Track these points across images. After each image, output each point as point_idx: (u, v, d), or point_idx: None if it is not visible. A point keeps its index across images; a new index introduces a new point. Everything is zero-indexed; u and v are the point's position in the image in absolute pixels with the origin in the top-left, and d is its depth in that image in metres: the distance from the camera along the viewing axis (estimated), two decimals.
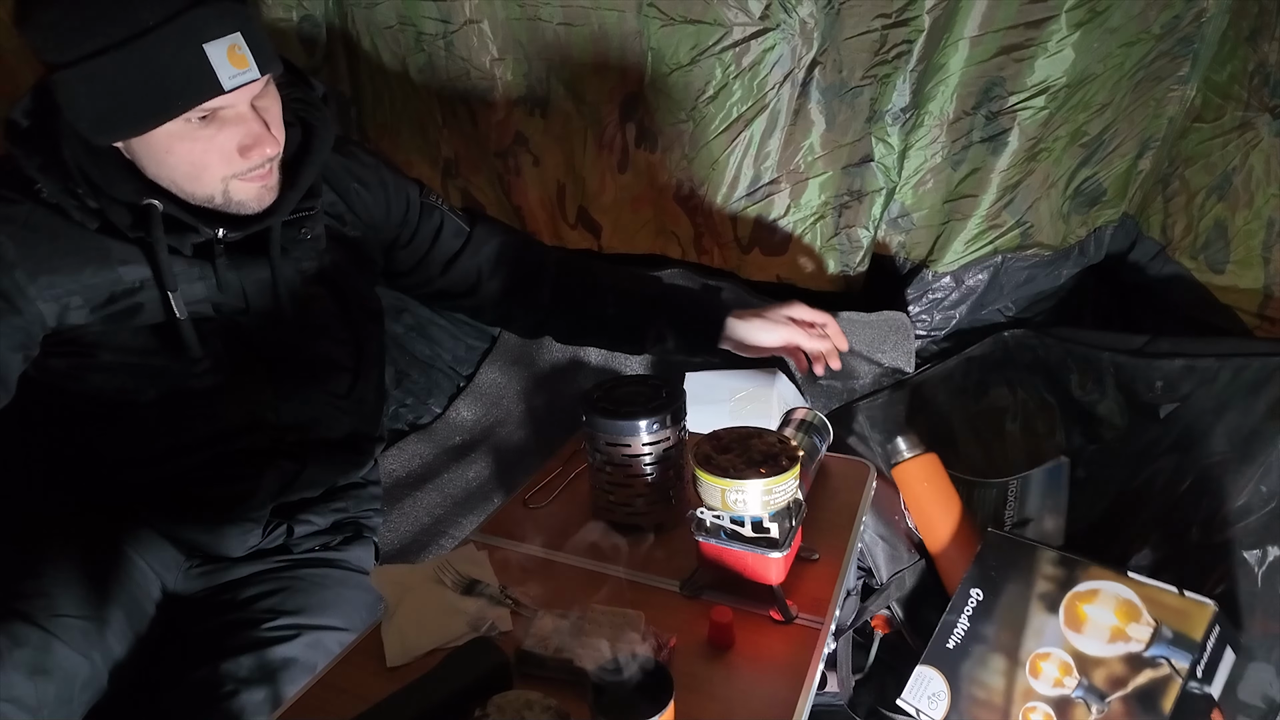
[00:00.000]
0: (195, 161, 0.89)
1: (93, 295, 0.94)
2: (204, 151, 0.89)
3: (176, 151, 0.88)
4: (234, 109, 0.89)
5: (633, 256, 1.70)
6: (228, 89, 0.84)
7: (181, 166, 0.89)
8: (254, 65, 0.86)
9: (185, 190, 0.92)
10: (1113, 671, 0.96)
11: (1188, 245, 1.38)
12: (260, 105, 0.91)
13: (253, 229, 0.98)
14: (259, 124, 0.90)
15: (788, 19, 1.39)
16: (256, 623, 1.03)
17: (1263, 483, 1.05)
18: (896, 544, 1.38)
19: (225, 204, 0.94)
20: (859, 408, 1.54)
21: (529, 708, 0.70)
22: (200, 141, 0.88)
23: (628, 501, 1.02)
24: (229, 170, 0.91)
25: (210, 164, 0.90)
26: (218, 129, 0.88)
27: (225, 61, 0.83)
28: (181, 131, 0.87)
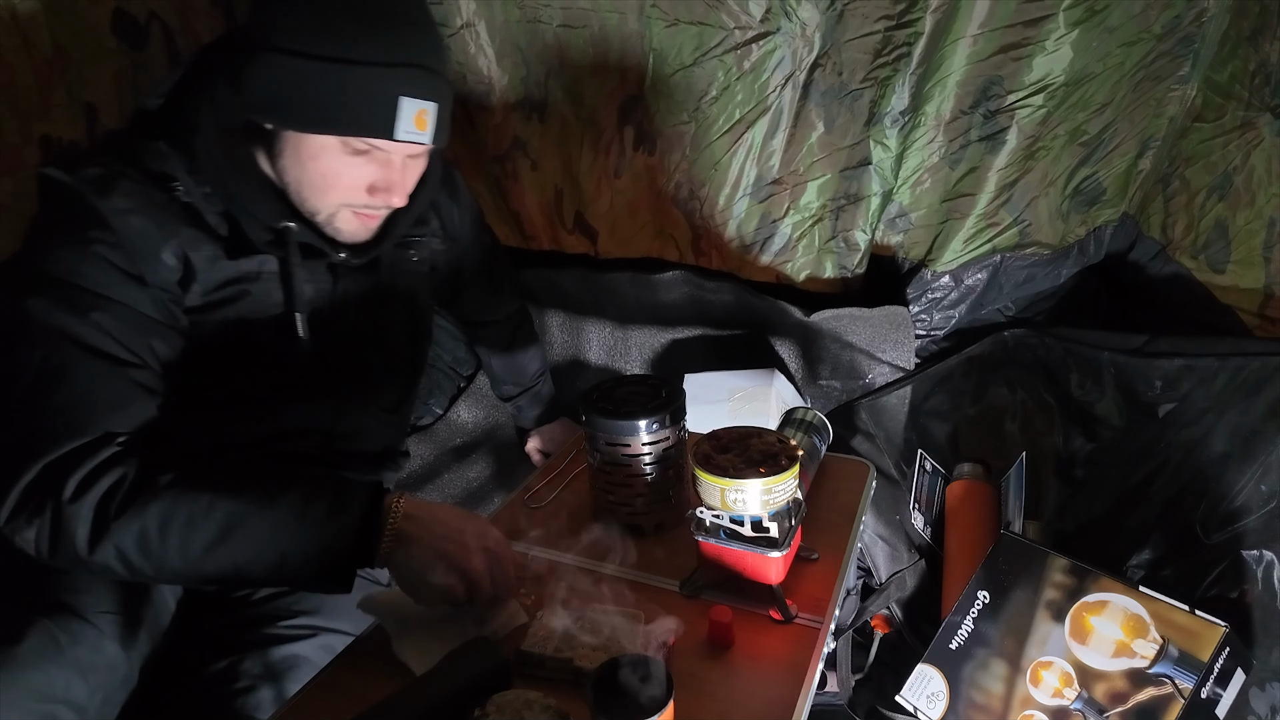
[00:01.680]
0: (328, 177, 0.93)
1: (210, 280, 0.96)
2: (339, 174, 0.93)
3: (319, 160, 0.92)
4: (387, 155, 0.94)
5: (629, 261, 1.69)
6: (396, 139, 0.90)
7: (313, 175, 0.93)
8: (430, 134, 0.93)
9: (303, 196, 0.96)
10: (1114, 686, 0.95)
11: (1188, 245, 1.38)
12: (410, 163, 0.97)
13: (372, 254, 1.04)
14: (398, 175, 0.96)
15: (788, 22, 1.39)
16: (272, 620, 1.03)
17: (1262, 482, 1.05)
18: (896, 544, 1.38)
19: (326, 224, 0.98)
20: (860, 406, 1.54)
21: (529, 707, 0.70)
22: (343, 164, 0.92)
23: (627, 501, 1.02)
24: (349, 199, 0.96)
25: (338, 186, 0.94)
26: (364, 162, 0.93)
27: (409, 119, 0.90)
28: (334, 148, 0.91)
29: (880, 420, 1.52)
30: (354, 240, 1.01)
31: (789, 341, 1.59)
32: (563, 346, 1.78)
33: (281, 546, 0.81)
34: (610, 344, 1.74)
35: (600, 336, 1.74)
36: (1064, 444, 1.38)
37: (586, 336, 1.75)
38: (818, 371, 1.59)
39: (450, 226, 1.24)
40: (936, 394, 1.53)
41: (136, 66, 1.31)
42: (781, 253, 1.59)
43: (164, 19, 1.35)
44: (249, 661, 0.98)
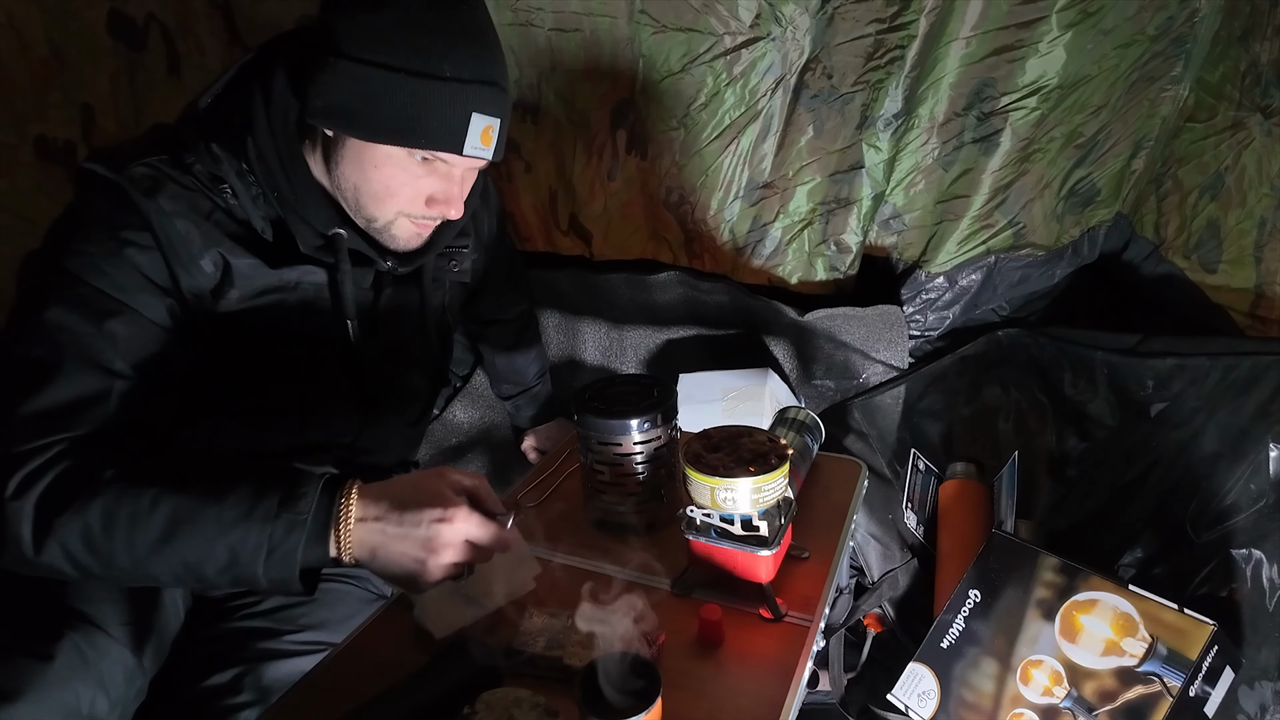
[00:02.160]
0: (390, 186, 0.93)
1: (249, 288, 0.95)
2: (402, 184, 0.93)
3: (383, 170, 0.92)
4: (449, 168, 0.94)
5: (624, 262, 1.70)
6: (463, 153, 0.91)
7: (374, 184, 0.93)
8: (494, 149, 0.94)
9: (360, 203, 0.95)
10: (1103, 685, 0.96)
11: (1180, 245, 1.39)
12: (466, 178, 0.98)
13: (417, 262, 1.04)
14: (458, 188, 0.96)
15: (778, 27, 1.39)
16: (279, 633, 1.03)
17: (1252, 481, 1.05)
18: (889, 543, 1.39)
19: (381, 232, 0.98)
20: (853, 405, 1.55)
21: (518, 705, 0.70)
22: (406, 174, 0.93)
23: (619, 500, 1.03)
24: (408, 209, 0.96)
25: (398, 195, 0.94)
26: (426, 173, 0.93)
27: (477, 134, 0.91)
28: (400, 158, 0.91)
29: (874, 419, 1.53)
30: (405, 249, 1.01)
31: (783, 341, 1.60)
32: (559, 346, 1.78)
33: (230, 543, 0.78)
34: (606, 344, 1.75)
35: (596, 337, 1.75)
36: (1057, 443, 1.38)
37: (582, 337, 1.76)
38: (811, 371, 1.59)
39: (483, 235, 1.25)
40: (930, 393, 1.53)
41: (134, 67, 1.32)
42: (773, 256, 1.59)
43: (162, 20, 1.35)
44: (252, 675, 0.97)
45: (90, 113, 1.24)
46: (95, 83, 1.24)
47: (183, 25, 1.38)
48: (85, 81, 1.22)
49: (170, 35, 1.35)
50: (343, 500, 0.80)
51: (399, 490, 0.83)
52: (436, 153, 0.91)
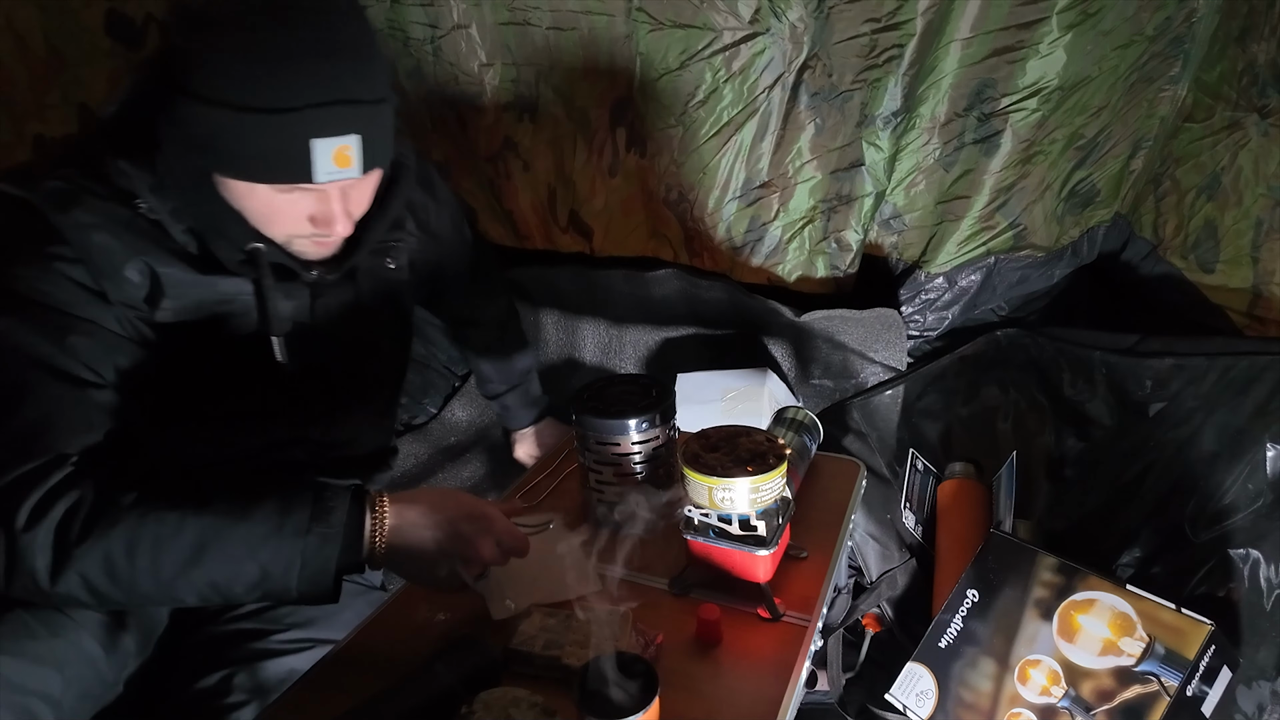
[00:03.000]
0: (265, 214, 0.90)
1: (183, 299, 0.94)
2: (276, 210, 0.89)
3: (252, 200, 0.88)
4: (321, 189, 0.89)
5: (624, 259, 1.70)
6: (317, 182, 0.85)
7: (251, 213, 0.90)
8: (357, 166, 0.87)
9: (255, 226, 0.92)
10: (1101, 684, 0.96)
11: (1178, 245, 1.39)
12: (349, 194, 0.92)
13: (345, 268, 1.01)
14: (339, 205, 0.91)
15: (778, 23, 1.39)
16: (266, 633, 1.03)
17: (1250, 481, 1.05)
18: (888, 543, 1.39)
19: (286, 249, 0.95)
20: (852, 405, 1.55)
21: (516, 705, 0.70)
22: (276, 202, 0.88)
23: (618, 499, 1.03)
24: (295, 231, 0.92)
25: (279, 221, 0.91)
26: (298, 198, 0.89)
27: (328, 158, 0.84)
28: (261, 190, 0.87)
29: (873, 419, 1.53)
30: (319, 259, 0.97)
31: (781, 341, 1.60)
32: (558, 345, 1.78)
33: (261, 561, 0.79)
34: (605, 343, 1.75)
35: (595, 336, 1.75)
36: (1055, 443, 1.38)
37: (581, 335, 1.76)
38: (810, 371, 1.59)
39: (428, 224, 1.20)
40: (929, 393, 1.53)
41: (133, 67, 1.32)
42: (772, 254, 1.59)
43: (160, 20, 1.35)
44: (242, 675, 0.97)
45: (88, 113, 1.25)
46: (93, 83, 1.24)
47: None
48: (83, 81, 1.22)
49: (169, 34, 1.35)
50: (376, 510, 0.83)
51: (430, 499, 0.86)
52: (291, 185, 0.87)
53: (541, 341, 1.79)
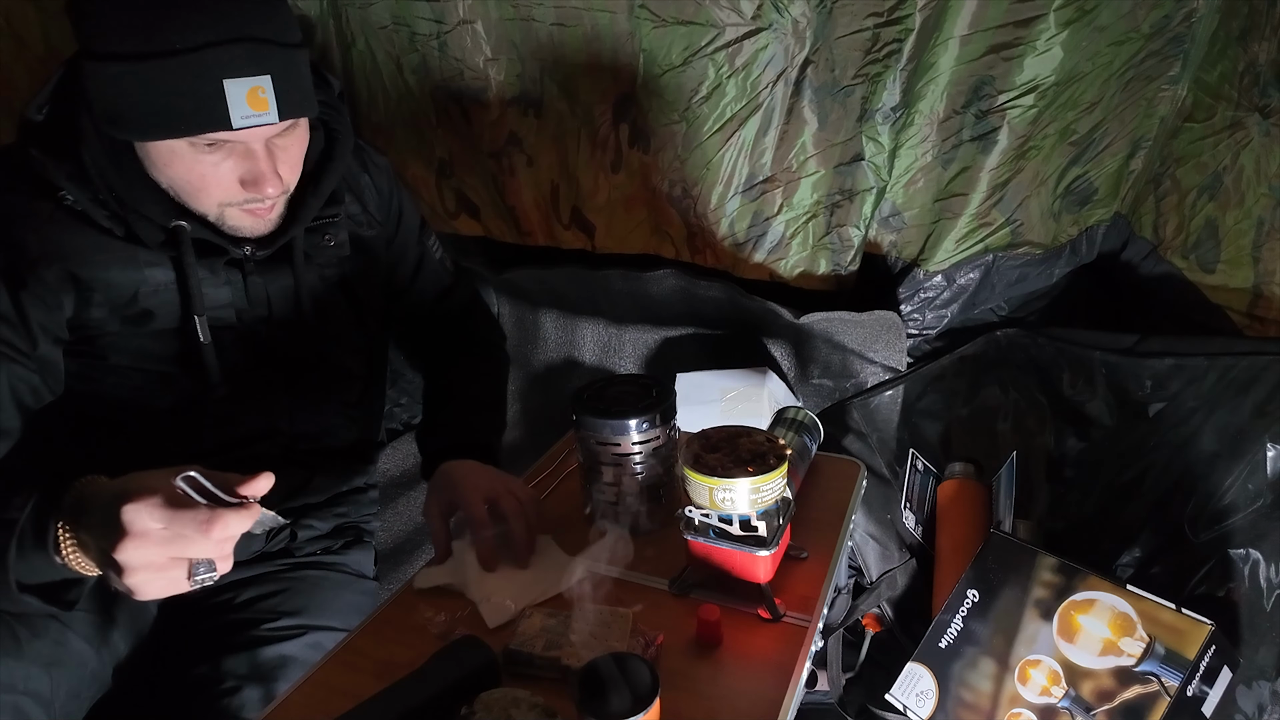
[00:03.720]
0: (193, 182, 0.88)
1: (116, 294, 0.93)
2: (203, 175, 0.87)
3: (176, 166, 0.87)
4: (244, 144, 0.87)
5: (626, 256, 1.70)
6: (236, 127, 0.83)
7: (180, 181, 0.88)
8: (274, 110, 0.85)
9: (184, 201, 0.91)
10: (1101, 685, 0.96)
11: (1179, 245, 1.39)
12: (278, 144, 0.90)
13: (278, 243, 0.98)
14: (267, 163, 0.89)
15: (780, 19, 1.39)
16: (257, 622, 1.03)
17: (1249, 481, 1.05)
18: (888, 543, 1.39)
19: (219, 224, 0.93)
20: (852, 406, 1.55)
21: (516, 705, 0.70)
22: (201, 165, 0.87)
23: (618, 500, 1.03)
24: (226, 198, 0.90)
25: (208, 188, 0.89)
26: (223, 158, 0.87)
27: (242, 101, 0.82)
28: (184, 151, 0.85)
29: (873, 420, 1.53)
30: (258, 235, 0.95)
31: (781, 341, 1.60)
32: (557, 345, 1.78)
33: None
34: (604, 343, 1.75)
35: (594, 335, 1.75)
36: (1055, 443, 1.38)
37: (581, 335, 1.75)
38: (809, 371, 1.59)
39: (374, 207, 1.15)
40: (929, 394, 1.53)
41: None
42: (775, 250, 1.59)
43: None
44: (234, 662, 0.98)
45: None
46: None
47: None
48: None
49: None
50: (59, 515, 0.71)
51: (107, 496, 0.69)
52: (211, 135, 0.84)
53: (540, 341, 1.79)
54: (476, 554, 0.97)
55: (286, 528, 1.07)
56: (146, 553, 0.65)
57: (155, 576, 0.67)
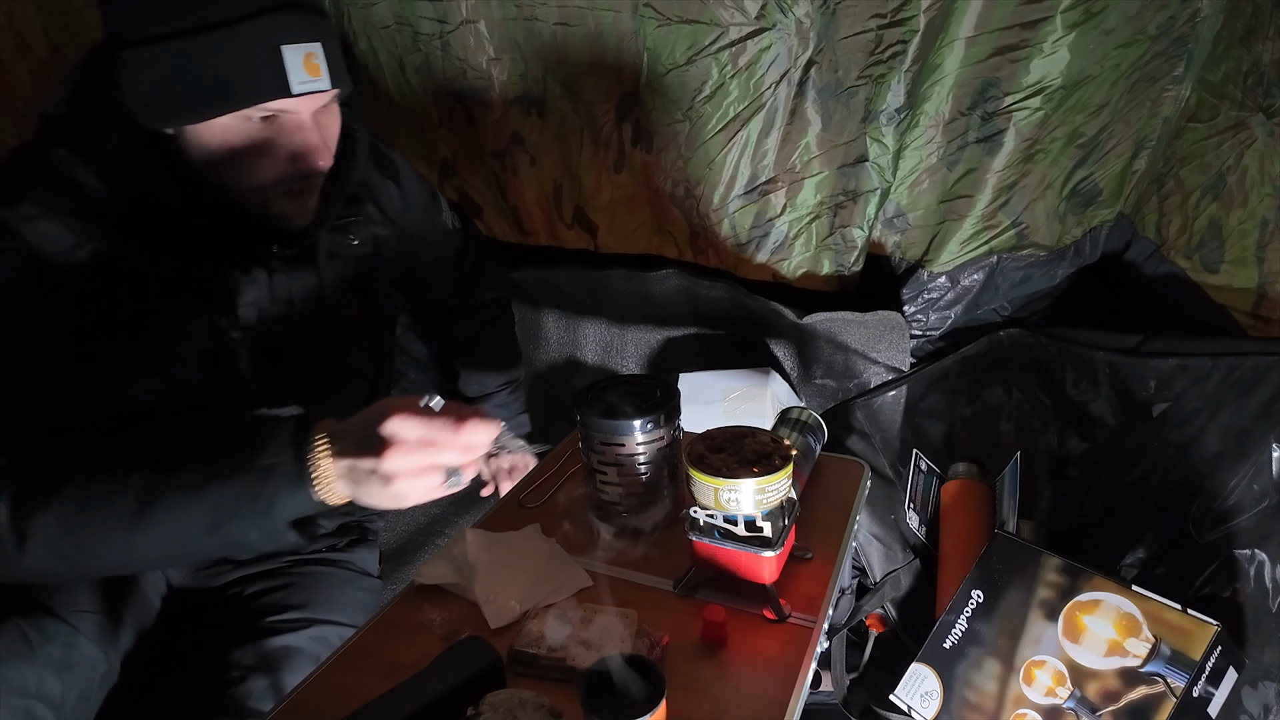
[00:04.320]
0: (246, 162, 0.88)
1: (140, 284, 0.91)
2: (253, 153, 0.87)
3: (230, 147, 0.86)
4: (296, 116, 0.87)
5: (629, 256, 1.70)
6: (295, 93, 0.83)
7: (230, 165, 0.88)
8: (326, 77, 0.86)
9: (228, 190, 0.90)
10: (1107, 685, 0.96)
11: (1182, 245, 1.38)
12: (321, 121, 0.91)
13: (306, 241, 0.99)
14: (316, 135, 0.89)
15: (784, 19, 1.39)
16: (263, 615, 1.04)
17: (1254, 481, 1.05)
18: (891, 543, 1.39)
19: (262, 215, 0.93)
20: (855, 406, 1.54)
21: (521, 706, 0.70)
22: (254, 142, 0.86)
23: (622, 501, 1.03)
24: (276, 177, 0.90)
25: (260, 168, 0.88)
26: (275, 132, 0.87)
27: (299, 67, 0.83)
28: (239, 127, 0.85)
29: (876, 420, 1.53)
30: (296, 225, 0.95)
31: (784, 341, 1.60)
32: (559, 345, 1.78)
33: (210, 502, 0.75)
34: (607, 343, 1.74)
35: (597, 336, 1.74)
36: (1059, 444, 1.38)
37: (583, 335, 1.75)
38: (812, 371, 1.59)
39: (389, 208, 1.16)
40: (932, 394, 1.53)
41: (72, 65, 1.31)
42: (778, 250, 1.59)
43: None
44: (240, 653, 0.98)
45: None
46: None
47: None
48: None
49: None
50: (314, 442, 0.76)
51: (357, 424, 0.76)
52: (269, 105, 0.84)
53: (543, 341, 1.78)
54: None
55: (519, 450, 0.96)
56: (408, 459, 0.73)
57: (415, 482, 0.74)
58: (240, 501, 0.75)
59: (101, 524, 0.76)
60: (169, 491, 0.76)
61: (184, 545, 0.77)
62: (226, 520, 0.76)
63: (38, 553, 0.76)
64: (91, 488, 0.76)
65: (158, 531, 0.76)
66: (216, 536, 0.77)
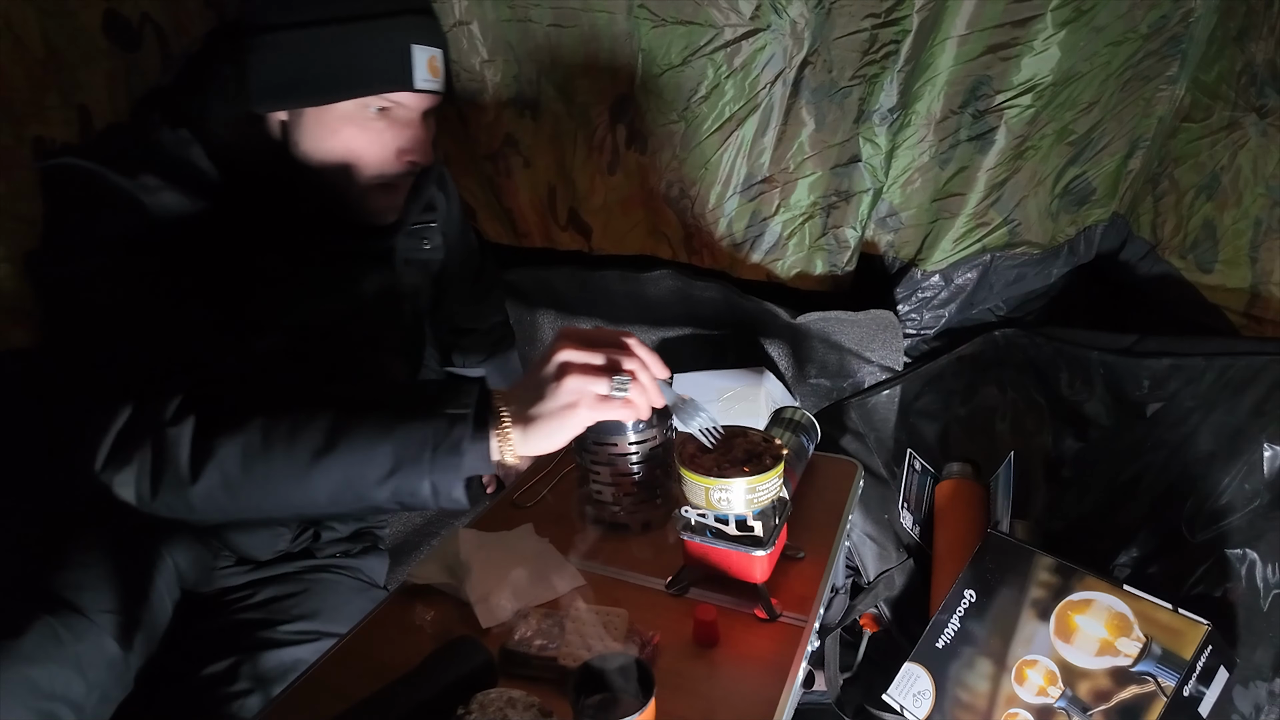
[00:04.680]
0: (355, 150, 0.92)
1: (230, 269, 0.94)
2: (367, 143, 0.92)
3: (342, 135, 0.91)
4: (408, 112, 0.93)
5: (623, 258, 1.70)
6: (417, 88, 0.90)
7: (338, 153, 0.92)
8: (441, 80, 0.93)
9: (329, 181, 0.94)
10: (1098, 685, 0.96)
11: (1177, 244, 1.39)
12: (427, 119, 0.96)
13: (390, 239, 1.03)
14: (423, 132, 0.95)
15: (778, 19, 1.39)
16: (272, 624, 1.03)
17: (1246, 481, 1.06)
18: (885, 543, 1.39)
19: (355, 206, 0.97)
20: (850, 405, 1.55)
21: (511, 705, 0.70)
22: (368, 132, 0.92)
23: (615, 500, 1.03)
24: (380, 169, 0.94)
25: (367, 158, 0.93)
26: (387, 125, 0.92)
27: (424, 65, 0.90)
28: (355, 116, 0.90)
29: (870, 420, 1.53)
30: (383, 220, 1.00)
31: (778, 341, 1.60)
32: None
33: (395, 444, 0.76)
34: None
35: None
36: (1053, 443, 1.38)
37: None
38: (807, 371, 1.60)
39: (441, 219, 1.22)
40: (926, 393, 1.53)
41: (130, 68, 1.31)
42: (772, 250, 1.59)
43: (157, 20, 1.35)
44: (247, 665, 0.98)
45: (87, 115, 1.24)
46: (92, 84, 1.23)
47: (178, 26, 1.38)
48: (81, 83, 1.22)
49: (164, 35, 1.35)
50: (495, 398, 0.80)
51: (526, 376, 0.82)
52: (390, 95, 0.90)
53: (538, 342, 1.79)
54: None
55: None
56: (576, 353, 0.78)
57: (584, 381, 0.77)
58: (424, 446, 0.76)
59: (283, 458, 0.76)
60: (357, 428, 0.76)
61: (356, 489, 0.77)
62: (406, 464, 0.76)
63: (210, 480, 0.76)
64: (279, 419, 0.76)
65: (337, 472, 0.76)
66: (390, 483, 0.77)
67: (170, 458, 0.75)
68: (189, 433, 0.75)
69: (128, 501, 0.78)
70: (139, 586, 0.98)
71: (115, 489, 0.77)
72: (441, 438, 0.76)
